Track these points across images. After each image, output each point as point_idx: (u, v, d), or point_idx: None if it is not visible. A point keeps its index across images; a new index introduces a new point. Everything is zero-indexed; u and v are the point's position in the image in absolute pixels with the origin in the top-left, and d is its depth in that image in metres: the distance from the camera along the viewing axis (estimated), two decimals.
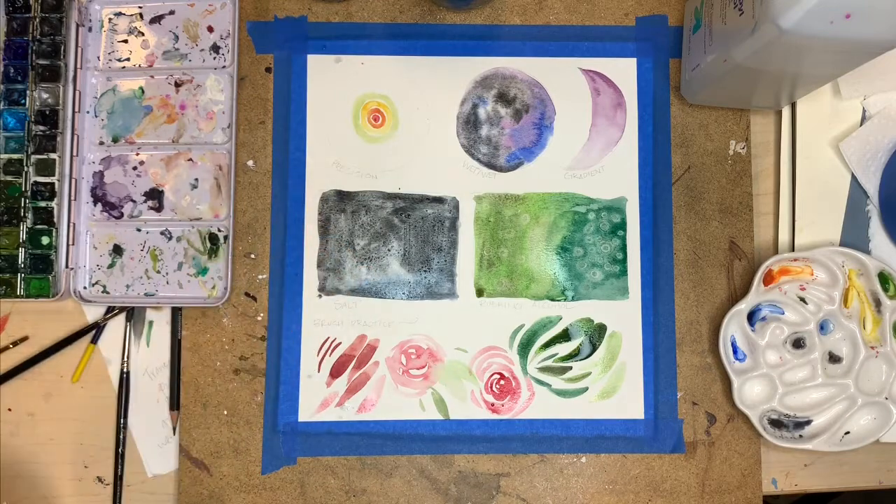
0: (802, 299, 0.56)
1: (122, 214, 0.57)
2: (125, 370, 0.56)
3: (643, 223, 0.58)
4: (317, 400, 0.56)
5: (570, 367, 0.57)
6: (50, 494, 0.55)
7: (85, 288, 0.56)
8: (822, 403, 0.56)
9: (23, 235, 0.56)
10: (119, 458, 0.55)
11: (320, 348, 0.56)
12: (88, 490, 0.56)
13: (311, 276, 0.57)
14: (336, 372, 0.56)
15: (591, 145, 0.58)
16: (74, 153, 0.57)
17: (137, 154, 0.57)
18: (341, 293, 0.57)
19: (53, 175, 0.56)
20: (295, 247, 0.57)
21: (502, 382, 0.56)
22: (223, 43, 0.58)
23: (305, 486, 0.55)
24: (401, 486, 0.55)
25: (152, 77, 0.57)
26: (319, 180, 0.57)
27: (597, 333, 0.57)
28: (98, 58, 0.58)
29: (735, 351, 0.56)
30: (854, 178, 0.57)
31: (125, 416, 0.56)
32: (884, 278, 0.55)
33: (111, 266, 0.56)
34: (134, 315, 0.57)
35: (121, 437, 0.55)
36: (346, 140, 0.58)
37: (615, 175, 0.58)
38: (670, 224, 0.58)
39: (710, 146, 0.58)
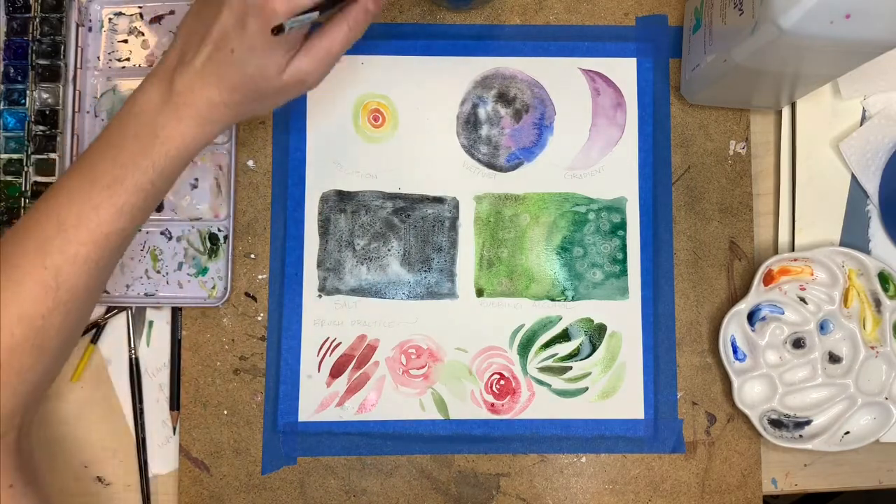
0: (802, 299, 0.56)
1: None
2: (134, 363, 0.56)
3: (643, 223, 0.58)
4: (317, 400, 0.56)
5: (570, 367, 0.57)
6: (49, 494, 0.55)
7: None
8: (822, 403, 0.56)
9: None
10: (140, 452, 0.55)
11: (320, 348, 0.56)
12: (88, 490, 0.56)
13: (311, 276, 0.57)
14: (336, 372, 0.56)
15: (591, 145, 0.58)
16: (74, 153, 0.57)
17: None
18: (341, 293, 0.57)
19: (53, 175, 0.56)
20: (295, 247, 0.57)
21: (502, 382, 0.56)
22: None
23: (305, 486, 0.55)
24: (401, 486, 0.55)
25: None
26: (319, 180, 0.57)
27: (597, 333, 0.57)
28: (98, 58, 0.58)
29: (735, 351, 0.56)
30: (854, 178, 0.57)
31: (141, 414, 0.56)
32: (884, 278, 0.55)
33: None
34: (134, 315, 0.57)
35: (140, 434, 0.55)
36: (346, 140, 0.58)
37: (615, 175, 0.58)
38: (670, 224, 0.58)
39: (710, 146, 0.58)
